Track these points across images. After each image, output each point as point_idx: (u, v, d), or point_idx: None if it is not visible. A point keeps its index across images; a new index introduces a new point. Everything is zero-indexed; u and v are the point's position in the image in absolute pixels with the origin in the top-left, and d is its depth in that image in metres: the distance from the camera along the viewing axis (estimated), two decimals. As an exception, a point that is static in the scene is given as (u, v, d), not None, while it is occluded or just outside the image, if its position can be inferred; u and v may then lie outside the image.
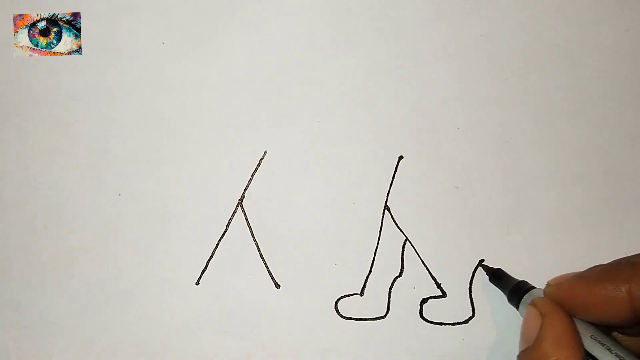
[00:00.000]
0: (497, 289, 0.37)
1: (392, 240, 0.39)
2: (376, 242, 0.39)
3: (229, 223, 0.39)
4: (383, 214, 0.39)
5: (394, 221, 0.39)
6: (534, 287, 0.35)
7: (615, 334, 0.33)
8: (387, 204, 0.39)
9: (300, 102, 0.39)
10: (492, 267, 0.38)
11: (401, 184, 0.39)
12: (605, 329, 0.32)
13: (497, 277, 0.37)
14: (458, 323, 0.38)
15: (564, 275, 0.33)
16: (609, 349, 0.30)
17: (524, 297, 0.34)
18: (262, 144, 0.39)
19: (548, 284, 0.33)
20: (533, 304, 0.32)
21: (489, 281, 0.37)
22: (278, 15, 0.40)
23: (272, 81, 0.39)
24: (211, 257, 0.39)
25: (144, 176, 0.39)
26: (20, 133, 0.40)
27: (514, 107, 0.39)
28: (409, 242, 0.39)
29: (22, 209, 0.39)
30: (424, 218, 0.39)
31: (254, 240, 0.39)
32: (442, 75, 0.39)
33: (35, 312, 0.39)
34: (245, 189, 0.39)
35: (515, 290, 0.35)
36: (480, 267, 0.38)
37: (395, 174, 0.39)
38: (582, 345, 0.30)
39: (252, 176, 0.39)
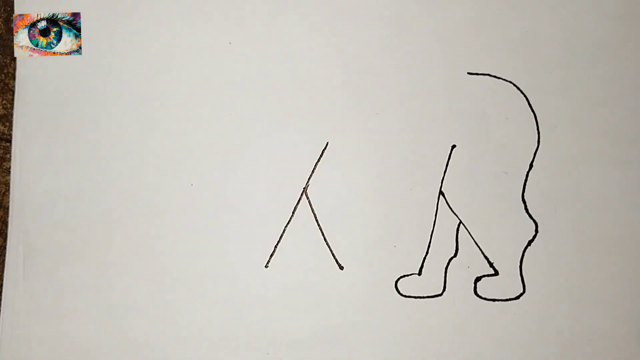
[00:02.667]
0: (547, 265, 0.39)
1: (447, 223, 0.41)
2: (432, 225, 0.41)
3: (294, 210, 0.42)
4: (438, 199, 0.41)
5: (449, 205, 0.41)
6: None
7: None
8: (442, 189, 0.41)
9: (359, 96, 0.42)
10: None
11: (454, 171, 0.41)
12: None
13: None
14: (510, 299, 0.41)
15: None
16: None
17: None
18: (324, 135, 0.42)
19: None
20: None
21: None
22: (339, 15, 0.42)
23: (333, 78, 0.42)
24: (278, 241, 0.42)
25: (216, 168, 0.42)
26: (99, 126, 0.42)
27: (559, 97, 0.41)
28: (463, 224, 0.41)
29: (99, 200, 0.42)
30: (476, 202, 0.41)
31: (318, 225, 0.42)
32: (492, 69, 0.42)
33: (113, 295, 0.42)
34: (309, 178, 0.42)
35: None
36: None
37: (449, 162, 0.41)
38: None
39: (315, 166, 0.42)
